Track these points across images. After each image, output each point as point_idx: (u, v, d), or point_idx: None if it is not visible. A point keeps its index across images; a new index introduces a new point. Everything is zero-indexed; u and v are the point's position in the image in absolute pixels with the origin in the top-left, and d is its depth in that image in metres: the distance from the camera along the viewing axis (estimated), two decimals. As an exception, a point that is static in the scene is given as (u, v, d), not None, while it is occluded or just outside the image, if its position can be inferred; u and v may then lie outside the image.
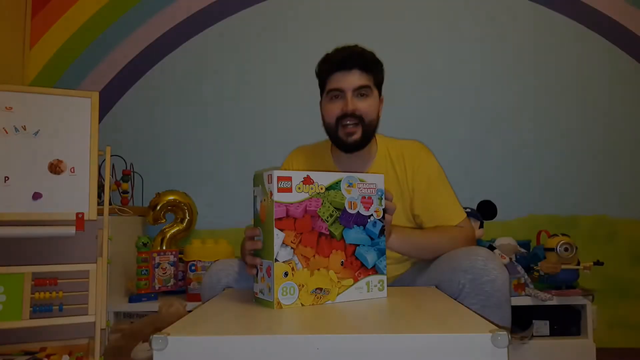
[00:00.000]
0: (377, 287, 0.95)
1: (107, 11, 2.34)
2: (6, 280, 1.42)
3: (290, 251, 0.86)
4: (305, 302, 0.87)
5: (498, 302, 1.02)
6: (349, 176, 0.93)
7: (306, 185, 0.88)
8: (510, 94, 2.27)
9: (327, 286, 0.89)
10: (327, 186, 0.90)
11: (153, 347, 0.64)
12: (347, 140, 1.25)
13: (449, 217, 1.28)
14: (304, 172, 0.88)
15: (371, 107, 1.26)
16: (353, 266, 0.93)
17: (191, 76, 2.33)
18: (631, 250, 2.17)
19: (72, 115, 1.56)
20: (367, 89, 1.25)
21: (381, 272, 0.96)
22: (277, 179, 0.85)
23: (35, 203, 1.47)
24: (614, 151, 2.22)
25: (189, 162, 2.30)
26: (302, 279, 0.87)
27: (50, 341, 1.58)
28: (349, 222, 0.92)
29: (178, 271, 1.94)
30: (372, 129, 1.29)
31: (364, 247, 0.94)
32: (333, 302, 0.90)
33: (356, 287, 0.93)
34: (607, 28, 2.25)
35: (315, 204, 0.89)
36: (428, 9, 2.30)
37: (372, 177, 0.96)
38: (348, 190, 0.93)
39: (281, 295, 0.85)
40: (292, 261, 0.86)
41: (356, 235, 0.93)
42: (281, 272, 0.85)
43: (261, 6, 2.33)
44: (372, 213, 0.95)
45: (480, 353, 0.63)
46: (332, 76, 1.26)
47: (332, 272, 0.90)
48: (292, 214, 0.86)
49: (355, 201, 0.93)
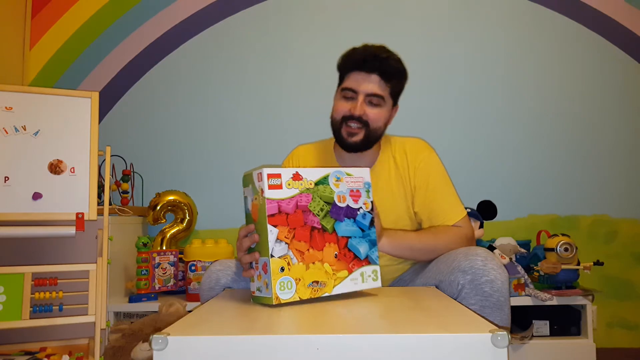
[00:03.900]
0: (371, 278, 0.96)
1: (107, 11, 2.34)
2: (6, 280, 1.42)
3: (284, 246, 0.87)
4: (302, 296, 0.87)
5: (497, 303, 1.02)
6: (336, 171, 0.95)
7: (296, 182, 0.89)
8: (509, 93, 2.26)
9: (323, 279, 0.90)
10: (315, 181, 0.92)
11: (153, 347, 0.64)
12: (348, 140, 1.25)
13: (447, 216, 1.27)
14: (292, 169, 0.90)
15: (380, 116, 1.24)
16: (346, 258, 0.94)
17: (191, 76, 2.33)
18: (631, 250, 2.17)
19: (72, 115, 1.56)
20: (381, 99, 1.23)
21: (374, 262, 0.97)
22: (267, 176, 0.86)
23: (35, 203, 1.47)
24: (614, 151, 2.22)
25: (189, 162, 2.30)
26: (298, 273, 0.87)
27: (50, 341, 1.58)
28: (340, 215, 0.94)
29: (178, 271, 1.95)
30: (377, 136, 1.27)
31: (356, 239, 0.96)
32: (330, 294, 0.91)
33: (351, 279, 0.94)
34: (607, 28, 2.25)
35: (305, 199, 0.90)
36: (426, 8, 2.30)
37: (358, 171, 0.98)
38: (336, 184, 0.94)
39: (279, 290, 0.85)
40: (287, 256, 0.87)
41: (347, 227, 0.95)
42: (277, 268, 0.85)
43: (261, 6, 2.33)
44: (361, 205, 0.97)
45: (480, 353, 0.63)
46: (350, 74, 1.24)
47: (327, 264, 0.91)
48: (284, 210, 0.87)
49: (344, 194, 0.95)
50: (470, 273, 1.02)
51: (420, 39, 2.28)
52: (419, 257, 1.22)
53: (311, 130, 2.25)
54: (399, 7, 2.30)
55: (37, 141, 1.51)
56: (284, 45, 2.32)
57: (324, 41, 2.30)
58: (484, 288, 1.01)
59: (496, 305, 1.02)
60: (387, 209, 1.28)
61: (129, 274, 1.96)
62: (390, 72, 1.23)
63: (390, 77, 1.23)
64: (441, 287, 1.09)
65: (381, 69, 1.21)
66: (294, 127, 2.26)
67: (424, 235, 1.24)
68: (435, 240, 1.21)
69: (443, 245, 1.19)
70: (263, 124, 2.30)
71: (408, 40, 2.26)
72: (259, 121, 2.30)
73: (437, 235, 1.23)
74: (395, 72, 1.24)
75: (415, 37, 2.28)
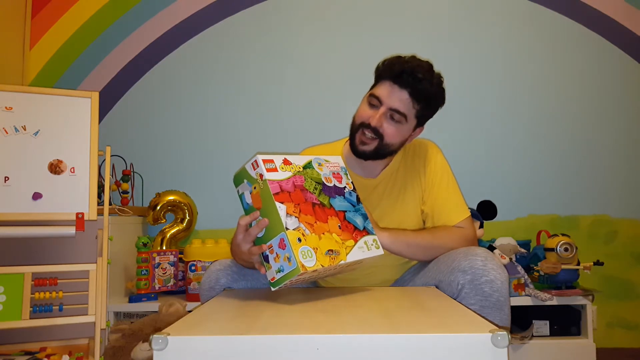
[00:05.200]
0: (374, 246, 1.02)
1: (107, 11, 2.34)
2: (6, 280, 1.42)
3: (295, 220, 0.90)
4: (324, 263, 0.90)
5: (497, 303, 1.02)
6: (316, 158, 1.03)
7: (287, 166, 0.96)
8: (509, 93, 2.27)
9: (336, 247, 0.94)
10: (302, 165, 0.99)
11: (153, 347, 0.64)
12: (359, 148, 1.23)
13: (450, 216, 1.27)
14: (281, 155, 0.96)
15: (397, 133, 1.21)
16: (349, 229, 0.99)
17: (191, 76, 2.33)
18: (631, 250, 2.17)
19: (72, 115, 1.56)
20: (403, 116, 1.19)
21: (371, 232, 1.04)
22: (262, 161, 0.92)
23: (35, 203, 1.47)
24: (613, 151, 2.22)
25: (189, 162, 2.29)
26: (314, 243, 0.91)
27: (50, 341, 1.58)
28: (331, 192, 1.01)
29: (178, 271, 1.95)
30: (389, 151, 1.24)
31: (351, 212, 1.02)
32: (345, 261, 0.94)
33: (358, 247, 0.98)
34: (607, 28, 2.25)
35: (300, 180, 0.96)
36: (427, 8, 2.30)
37: (333, 158, 1.07)
38: (320, 168, 1.02)
39: (302, 258, 0.87)
40: (300, 228, 0.90)
41: (341, 203, 1.02)
42: (295, 238, 0.88)
43: (261, 6, 2.33)
44: (345, 185, 1.05)
45: (480, 353, 0.63)
46: (383, 83, 1.20)
47: (335, 234, 0.95)
48: (285, 189, 0.92)
49: (328, 176, 1.03)
50: (470, 273, 1.02)
51: (420, 39, 2.28)
52: (417, 255, 1.22)
53: (311, 130, 2.26)
54: (399, 7, 2.30)
55: (37, 141, 1.51)
56: (284, 45, 2.32)
57: (324, 41, 2.30)
58: (483, 288, 1.01)
59: (496, 305, 1.02)
60: (397, 209, 1.29)
61: (129, 274, 1.96)
62: (422, 93, 1.18)
63: (421, 99, 1.19)
64: (441, 287, 1.09)
65: (414, 86, 1.16)
66: (294, 127, 2.26)
67: (423, 233, 1.24)
68: (434, 238, 1.21)
69: (442, 244, 1.18)
70: (263, 124, 2.29)
71: (408, 40, 2.26)
72: (259, 121, 2.30)
73: (437, 234, 1.23)
74: (429, 96, 1.19)
75: (415, 36, 2.27)
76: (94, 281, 1.47)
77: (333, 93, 2.28)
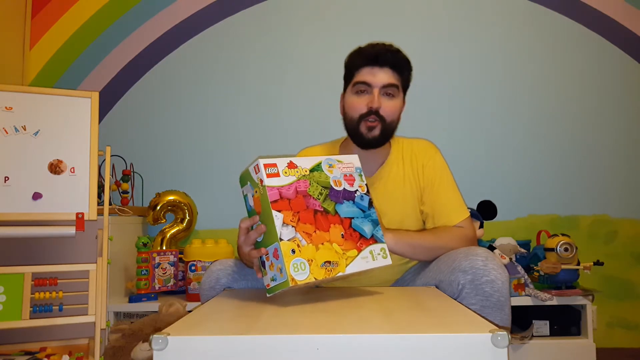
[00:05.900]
0: (380, 255, 0.97)
1: (107, 11, 2.34)
2: (6, 280, 1.42)
3: (292, 229, 0.87)
4: (317, 276, 0.87)
5: (497, 303, 1.02)
6: (327, 158, 0.98)
7: (291, 169, 0.91)
8: (509, 93, 2.27)
9: (335, 259, 0.90)
10: (309, 169, 0.94)
11: (153, 347, 0.64)
12: (367, 136, 1.25)
13: (450, 216, 1.28)
14: (286, 158, 0.92)
15: (395, 108, 1.26)
16: (353, 237, 0.94)
17: (191, 76, 2.33)
18: (631, 250, 2.17)
19: (72, 115, 1.56)
20: (395, 89, 1.25)
21: (380, 240, 0.98)
22: (263, 166, 0.88)
23: (35, 203, 1.47)
24: (614, 151, 2.22)
25: (189, 162, 2.29)
26: (309, 254, 0.88)
27: (50, 341, 1.58)
28: (339, 197, 0.96)
29: (178, 271, 1.95)
30: (392, 129, 1.28)
31: (359, 219, 0.97)
32: (344, 273, 0.90)
33: (362, 257, 0.94)
34: (607, 28, 2.25)
35: (303, 185, 0.92)
36: (426, 8, 2.30)
37: (348, 157, 1.01)
38: (330, 170, 0.97)
39: (293, 271, 0.85)
40: (295, 238, 0.87)
41: (348, 209, 0.96)
42: (288, 250, 0.86)
43: (261, 6, 2.33)
44: (357, 188, 0.99)
45: (480, 353, 0.63)
46: (362, 69, 1.25)
47: (335, 245, 0.91)
48: (285, 196, 0.89)
49: (338, 179, 0.97)
50: (471, 273, 1.02)
51: (420, 39, 2.28)
52: (420, 255, 1.22)
53: (311, 130, 2.26)
54: (398, 7, 2.30)
55: (37, 141, 1.51)
56: (284, 45, 2.32)
57: (324, 41, 2.30)
58: (484, 288, 1.01)
59: (496, 305, 1.02)
60: (395, 208, 1.29)
61: (129, 274, 1.96)
62: (401, 64, 1.26)
63: (402, 70, 1.26)
64: (441, 287, 1.09)
65: (393, 61, 1.24)
66: (294, 127, 2.26)
67: (425, 234, 1.25)
68: (436, 239, 1.21)
69: (444, 245, 1.19)
70: (263, 124, 2.29)
71: (408, 40, 2.23)
72: (259, 121, 2.30)
73: (438, 234, 1.24)
74: (406, 65, 1.27)
75: (415, 36, 2.28)
76: (94, 281, 1.47)
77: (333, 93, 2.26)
